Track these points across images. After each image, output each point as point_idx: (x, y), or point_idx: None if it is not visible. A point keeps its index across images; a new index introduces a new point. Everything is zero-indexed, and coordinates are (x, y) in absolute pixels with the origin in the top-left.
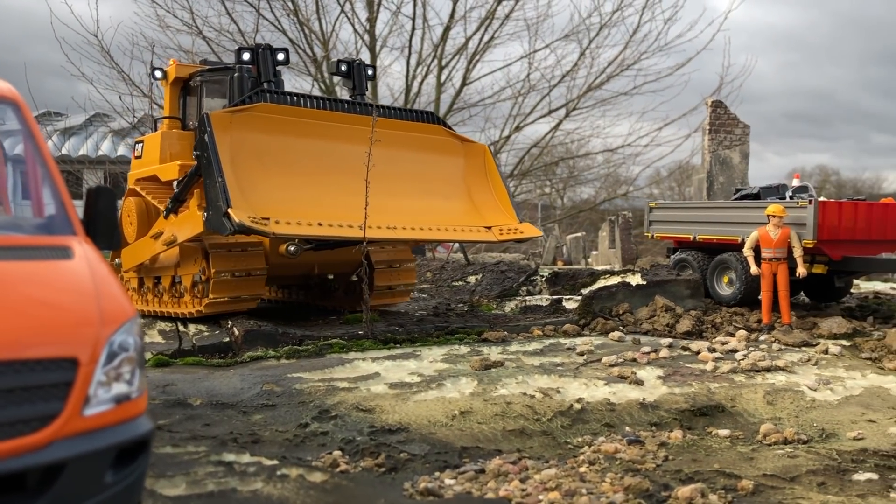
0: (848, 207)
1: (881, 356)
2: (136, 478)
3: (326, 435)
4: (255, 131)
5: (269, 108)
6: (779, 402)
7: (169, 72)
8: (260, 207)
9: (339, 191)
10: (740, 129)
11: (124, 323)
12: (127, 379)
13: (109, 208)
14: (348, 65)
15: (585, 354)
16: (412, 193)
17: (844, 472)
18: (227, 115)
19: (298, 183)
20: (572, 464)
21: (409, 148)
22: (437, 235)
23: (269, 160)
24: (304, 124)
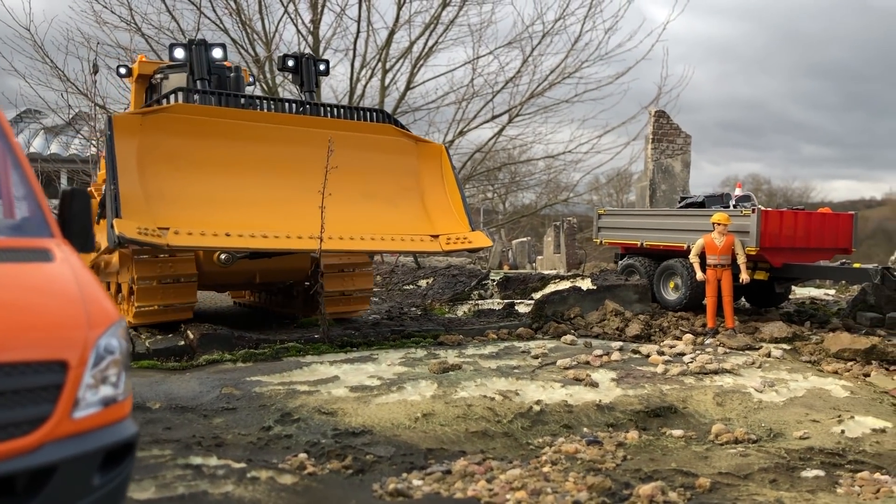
0: (788, 217)
1: (820, 359)
2: (122, 480)
3: (290, 438)
4: (169, 134)
5: (187, 109)
6: (728, 403)
7: (133, 69)
8: (164, 216)
9: (265, 197)
10: (682, 138)
11: (110, 326)
12: (113, 381)
13: (83, 211)
14: (296, 59)
15: (540, 357)
16: (352, 199)
17: (793, 469)
18: (136, 117)
19: (215, 189)
20: (535, 464)
21: (352, 149)
22: (372, 246)
23: (184, 165)
24: (226, 126)
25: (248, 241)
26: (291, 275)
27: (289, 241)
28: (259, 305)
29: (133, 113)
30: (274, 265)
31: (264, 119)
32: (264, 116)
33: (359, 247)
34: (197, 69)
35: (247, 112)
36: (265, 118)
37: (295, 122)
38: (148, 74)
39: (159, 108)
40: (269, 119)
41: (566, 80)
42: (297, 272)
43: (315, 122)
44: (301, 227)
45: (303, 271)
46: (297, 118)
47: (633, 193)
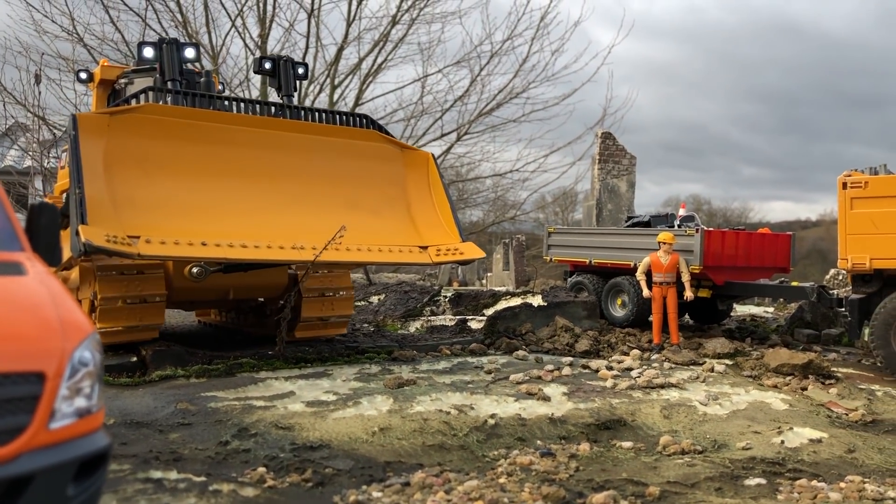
0: (730, 236)
1: (761, 374)
2: (95, 491)
3: (249, 452)
4: (138, 136)
5: (158, 109)
6: (674, 416)
7: (95, 73)
8: (133, 224)
9: (243, 205)
10: (627, 159)
11: (84, 338)
12: (87, 393)
13: (52, 225)
14: (273, 62)
15: (493, 372)
16: (334, 208)
17: (737, 478)
18: (104, 116)
19: (188, 196)
20: (492, 475)
21: (335, 155)
22: (357, 257)
23: (154, 169)
24: (200, 128)
25: (225, 251)
26: (268, 291)
27: (269, 251)
28: (227, 325)
29: (100, 113)
30: (250, 280)
31: (241, 122)
32: (241, 119)
33: (345, 258)
34: (168, 69)
35: (222, 114)
36: (242, 121)
37: (274, 125)
38: (111, 79)
39: (128, 108)
40: (246, 122)
41: (514, 99)
42: (273, 288)
43: (295, 127)
44: (282, 237)
45: (279, 287)
46: (277, 122)
47: (580, 212)
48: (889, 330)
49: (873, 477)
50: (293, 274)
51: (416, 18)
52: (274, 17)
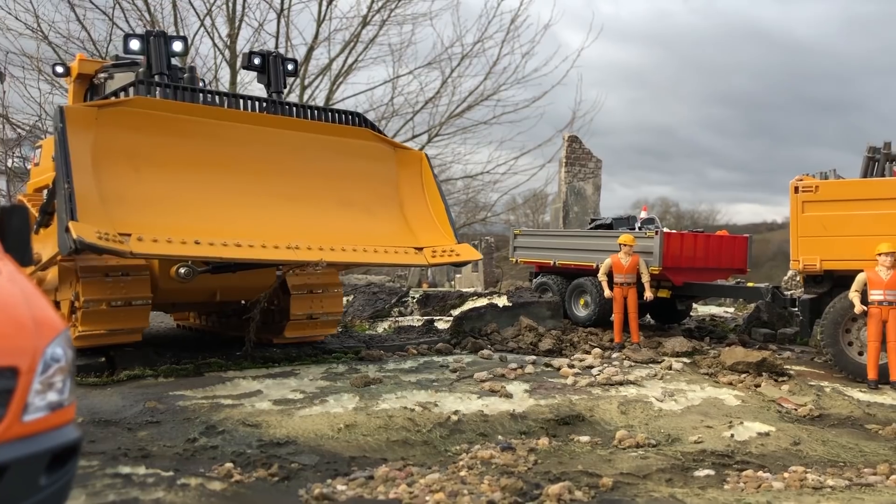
0: (689, 238)
1: (716, 371)
2: (66, 482)
3: (216, 449)
4: (127, 129)
5: (147, 103)
6: (631, 411)
7: (72, 67)
8: (123, 221)
9: (235, 203)
10: (593, 162)
11: (56, 336)
12: (59, 388)
13: (22, 226)
14: (263, 57)
15: (458, 371)
16: (327, 207)
17: (688, 469)
18: (92, 109)
19: (179, 193)
20: (453, 469)
21: (326, 154)
22: (352, 258)
23: (144, 165)
24: (191, 123)
25: (219, 251)
26: (255, 293)
27: (264, 251)
28: (206, 328)
29: (88, 105)
30: (238, 281)
31: (233, 118)
32: (233, 115)
33: (341, 258)
34: (155, 63)
35: (213, 109)
36: (233, 117)
37: (266, 122)
38: (89, 74)
39: (116, 101)
40: (238, 118)
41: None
42: (261, 290)
43: (288, 124)
44: (276, 237)
45: (264, 289)
46: (269, 118)
47: (549, 214)
48: (838, 329)
49: (815, 467)
50: (281, 275)
51: (386, 20)
52: (243, 16)
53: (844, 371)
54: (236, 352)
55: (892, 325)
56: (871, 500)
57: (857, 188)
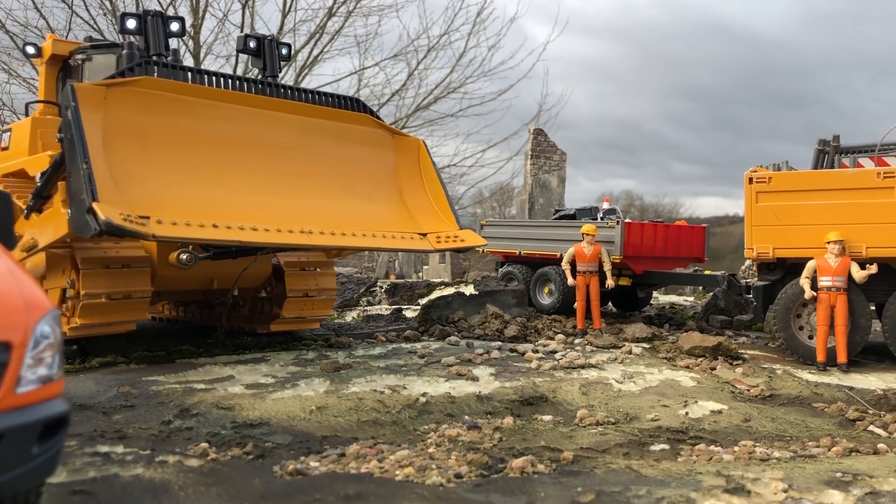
0: (648, 228)
1: (675, 356)
2: (56, 451)
3: (191, 430)
4: (135, 110)
5: (155, 83)
6: (592, 392)
7: (44, 48)
8: (138, 203)
9: (242, 186)
10: (558, 155)
11: (45, 314)
12: (49, 363)
13: (6, 212)
14: (258, 41)
15: (426, 357)
16: (333, 192)
17: (644, 444)
18: (101, 88)
19: (189, 175)
20: (422, 446)
21: (328, 138)
22: (362, 242)
23: (153, 146)
24: (198, 105)
25: (238, 234)
26: (252, 280)
27: (279, 234)
28: (183, 319)
29: (97, 84)
30: (235, 269)
31: (239, 101)
32: (239, 98)
33: (350, 243)
34: (153, 43)
35: (220, 91)
36: (240, 99)
37: (271, 105)
38: (63, 55)
39: (124, 80)
40: (244, 101)
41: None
42: (257, 277)
43: (292, 107)
44: (287, 220)
45: (263, 276)
46: (274, 101)
47: (515, 206)
48: (789, 314)
49: (764, 441)
50: (276, 264)
51: (352, 11)
52: (207, 6)
53: (795, 354)
54: (207, 339)
55: (839, 310)
56: (811, 469)
57: (807, 179)
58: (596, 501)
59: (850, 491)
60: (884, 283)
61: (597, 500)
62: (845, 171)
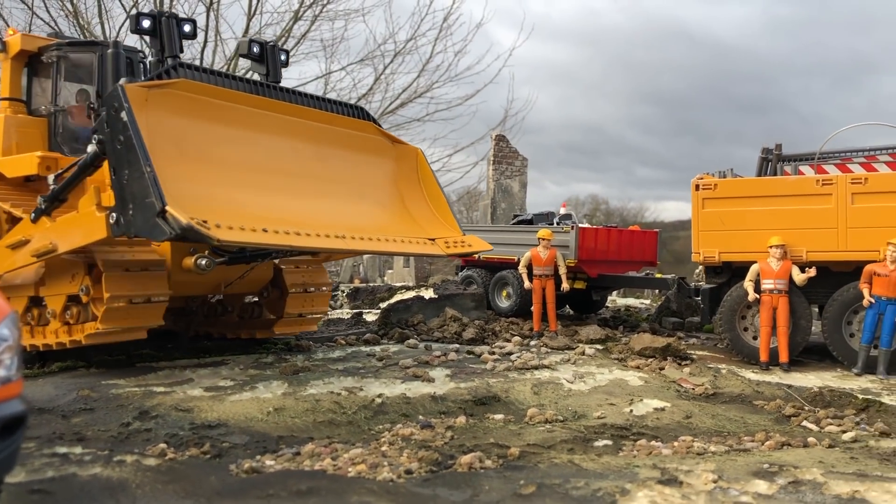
0: (602, 233)
1: (626, 356)
2: (14, 449)
3: (150, 431)
4: (173, 113)
5: (192, 87)
6: (543, 392)
7: (9, 43)
8: (186, 207)
9: (275, 190)
10: (520, 161)
11: (4, 318)
12: (7, 365)
13: None
14: (261, 46)
15: (384, 359)
16: (350, 198)
17: (588, 440)
18: (143, 89)
19: (226, 179)
20: (375, 445)
21: (341, 146)
22: (386, 247)
23: (190, 150)
24: (229, 109)
25: (290, 239)
26: (254, 285)
27: (319, 239)
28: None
29: (141, 85)
30: (241, 273)
31: (268, 107)
32: (268, 104)
33: (371, 248)
34: (168, 45)
35: (252, 97)
36: (269, 106)
37: (292, 111)
38: (31, 52)
39: (165, 82)
40: (272, 107)
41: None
42: (259, 282)
43: (309, 114)
44: (318, 225)
45: (265, 282)
46: (294, 108)
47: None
48: (734, 315)
49: (702, 437)
50: (277, 268)
51: (318, 15)
52: (171, 9)
53: (741, 354)
54: (169, 344)
55: (781, 312)
56: (742, 461)
57: (751, 186)
58: (536, 493)
59: (774, 480)
60: (823, 285)
61: (537, 492)
62: (786, 178)
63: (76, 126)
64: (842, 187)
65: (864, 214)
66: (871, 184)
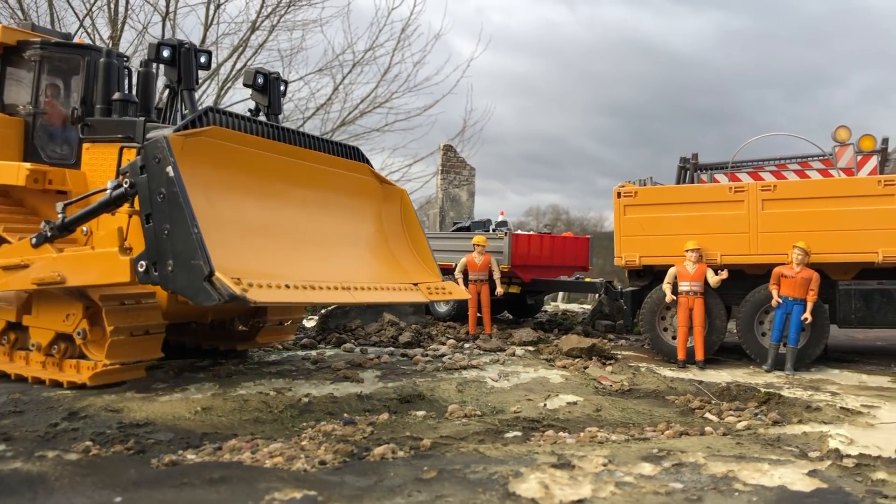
0: (535, 239)
1: (555, 357)
2: None
3: (77, 431)
4: (205, 162)
5: (221, 134)
6: (466, 390)
7: None
8: (222, 264)
9: (291, 240)
10: (467, 170)
11: None
12: None
13: None
14: (265, 77)
15: (318, 362)
16: (348, 244)
17: (500, 432)
18: (180, 138)
19: (249, 231)
20: (296, 440)
21: (340, 190)
22: (381, 297)
23: (217, 200)
24: (252, 156)
25: (307, 295)
26: (234, 312)
27: (332, 293)
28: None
29: (179, 134)
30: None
31: (283, 152)
32: (283, 149)
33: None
34: (185, 77)
35: (268, 142)
36: (283, 151)
37: (300, 155)
38: (9, 45)
39: (199, 130)
40: (286, 152)
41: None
42: (239, 310)
43: (314, 157)
44: (328, 276)
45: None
46: (302, 151)
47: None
48: (654, 316)
49: (608, 428)
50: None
51: (276, 25)
52: (126, 18)
53: (660, 353)
54: None
55: (697, 312)
56: (636, 447)
57: (669, 193)
58: (436, 478)
59: (660, 464)
60: (737, 287)
61: (437, 477)
62: (702, 186)
63: (52, 126)
64: (753, 194)
65: (773, 220)
66: (780, 191)
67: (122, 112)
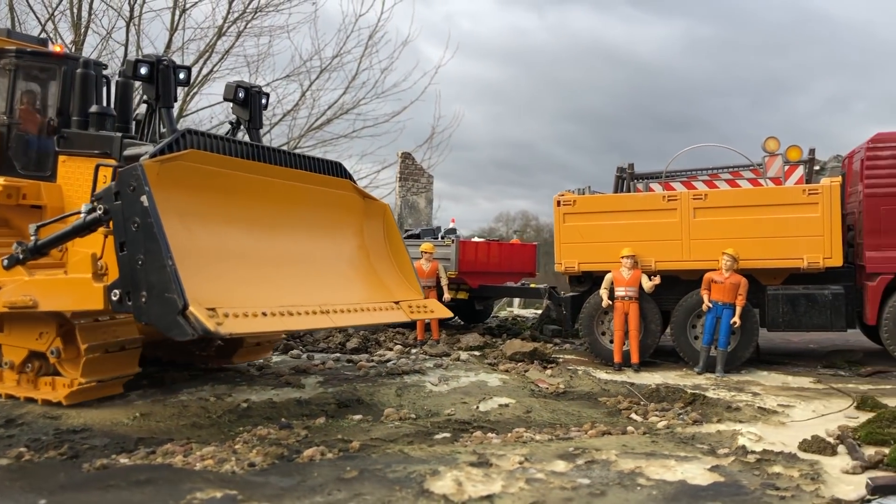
0: (482, 246)
1: (498, 361)
2: None
3: (12, 437)
4: (181, 186)
5: (199, 157)
6: (405, 394)
7: None
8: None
9: (270, 263)
10: (425, 178)
11: None
12: None
13: None
14: (246, 91)
15: (263, 369)
16: (329, 262)
17: (430, 434)
18: (156, 164)
19: (226, 256)
20: (230, 444)
21: (323, 206)
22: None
23: (194, 225)
24: (230, 178)
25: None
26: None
27: (308, 318)
28: None
29: (155, 161)
30: None
31: (261, 171)
32: (261, 169)
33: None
34: (163, 94)
35: (246, 163)
36: (262, 170)
37: (280, 174)
38: None
39: (175, 155)
40: (264, 172)
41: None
42: None
43: (294, 175)
44: (307, 300)
45: None
46: (281, 170)
47: None
48: (593, 321)
49: (534, 428)
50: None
51: (242, 31)
52: (90, 23)
53: (599, 356)
54: None
55: (632, 316)
56: (555, 446)
57: (606, 202)
58: (357, 477)
59: (574, 461)
60: (672, 292)
61: (358, 476)
62: (637, 194)
63: (27, 135)
64: (685, 203)
65: (704, 227)
66: (710, 199)
67: (99, 125)
